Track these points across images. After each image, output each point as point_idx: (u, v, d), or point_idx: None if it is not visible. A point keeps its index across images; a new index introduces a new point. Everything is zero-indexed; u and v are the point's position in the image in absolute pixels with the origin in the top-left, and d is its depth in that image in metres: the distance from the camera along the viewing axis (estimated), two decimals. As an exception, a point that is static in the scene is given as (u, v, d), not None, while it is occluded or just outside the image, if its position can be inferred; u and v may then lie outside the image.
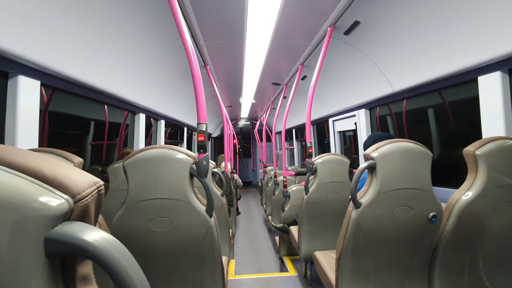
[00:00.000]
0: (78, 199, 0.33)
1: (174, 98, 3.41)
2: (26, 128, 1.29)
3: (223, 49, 2.68)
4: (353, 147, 3.54)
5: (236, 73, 3.59)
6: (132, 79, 2.20)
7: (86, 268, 0.36)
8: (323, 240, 2.10)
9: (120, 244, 0.34)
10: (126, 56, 1.98)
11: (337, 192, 2.06)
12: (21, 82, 1.27)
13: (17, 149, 0.34)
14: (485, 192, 1.14)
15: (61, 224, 0.32)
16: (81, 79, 1.62)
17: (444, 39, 1.58)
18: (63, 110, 1.95)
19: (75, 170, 0.36)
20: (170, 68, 2.72)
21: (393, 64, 2.06)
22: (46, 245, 0.30)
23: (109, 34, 1.68)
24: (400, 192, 1.16)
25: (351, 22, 1.95)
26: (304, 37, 2.40)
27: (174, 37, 2.20)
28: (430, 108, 2.13)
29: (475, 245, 1.22)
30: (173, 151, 1.16)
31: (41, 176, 0.32)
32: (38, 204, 0.30)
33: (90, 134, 2.32)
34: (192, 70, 1.35)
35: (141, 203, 1.14)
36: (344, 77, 2.82)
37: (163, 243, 1.18)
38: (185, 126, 4.58)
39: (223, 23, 2.15)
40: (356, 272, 1.26)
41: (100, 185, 0.38)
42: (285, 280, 2.50)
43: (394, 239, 1.21)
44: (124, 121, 2.67)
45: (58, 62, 1.41)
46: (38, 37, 1.26)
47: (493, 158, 1.14)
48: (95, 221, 0.38)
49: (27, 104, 1.30)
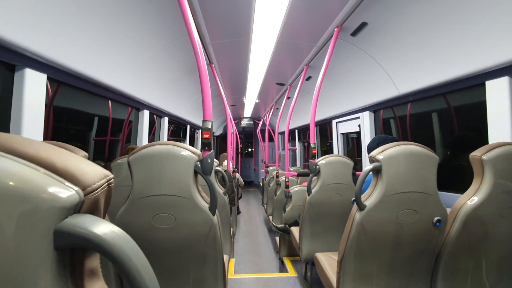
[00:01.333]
0: (88, 191, 0.33)
1: (178, 95, 3.42)
2: (31, 121, 1.29)
3: (228, 47, 2.68)
4: (356, 149, 3.53)
5: (240, 72, 3.59)
6: (137, 75, 2.20)
7: (94, 261, 0.36)
8: (325, 241, 2.09)
9: (129, 238, 0.34)
10: (132, 52, 1.98)
11: (340, 194, 2.05)
12: (28, 75, 1.27)
13: (28, 139, 0.34)
14: (490, 198, 1.13)
15: (71, 216, 0.31)
16: (86, 73, 1.62)
17: (451, 43, 1.57)
18: (68, 105, 1.95)
19: (86, 162, 0.36)
20: (175, 66, 2.72)
21: (400, 67, 2.05)
22: (56, 237, 0.30)
23: (115, 29, 1.68)
24: (405, 196, 1.16)
25: (359, 23, 1.94)
26: (310, 38, 2.39)
27: (180, 34, 2.20)
28: (435, 112, 2.12)
29: (479, 251, 1.21)
30: (178, 147, 1.16)
31: (52, 167, 0.32)
32: (48, 195, 0.30)
33: (93, 130, 2.33)
34: (199, 67, 1.35)
35: (144, 199, 1.13)
36: (349, 79, 2.81)
37: (166, 240, 1.17)
38: (188, 124, 4.59)
39: (230, 22, 2.15)
40: (359, 275, 1.25)
41: (110, 178, 0.37)
42: (285, 280, 2.49)
43: (398, 243, 1.20)
44: (128, 117, 2.67)
45: (64, 56, 1.42)
46: (45, 30, 1.26)
47: (499, 164, 1.13)
48: (104, 214, 0.37)
49: (33, 97, 1.30)
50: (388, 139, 1.73)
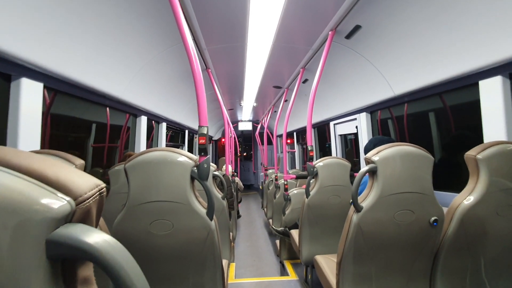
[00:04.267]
0: (80, 201, 0.33)
1: (176, 100, 3.43)
2: (28, 130, 1.30)
3: (224, 52, 2.70)
4: (354, 150, 3.54)
5: (237, 76, 3.61)
6: (134, 81, 2.22)
7: (87, 270, 0.36)
8: (324, 244, 2.09)
9: (122, 246, 0.34)
10: (128, 59, 1.99)
11: (338, 195, 2.05)
12: (24, 84, 1.28)
13: (20, 151, 0.35)
14: (486, 197, 1.14)
15: (62, 226, 0.32)
16: (83, 81, 1.63)
17: (445, 43, 1.58)
18: (65, 113, 1.96)
19: (77, 172, 0.36)
20: (172, 71, 2.73)
21: (394, 68, 2.06)
22: (48, 248, 0.30)
23: (111, 36, 1.70)
24: (402, 196, 1.16)
25: (352, 26, 1.96)
26: (306, 41, 2.41)
27: (176, 40, 2.21)
28: (431, 112, 2.13)
29: (477, 250, 1.21)
30: (174, 153, 1.16)
31: (44, 178, 0.32)
32: (40, 206, 0.30)
33: (91, 137, 2.33)
34: (194, 73, 1.36)
35: (142, 205, 1.14)
36: (345, 81, 2.83)
37: (164, 246, 1.17)
38: (186, 129, 4.59)
39: (225, 27, 2.17)
40: (357, 276, 1.25)
41: (102, 187, 0.38)
42: (286, 284, 2.48)
43: (396, 243, 1.21)
44: (126, 124, 2.68)
45: (60, 64, 1.42)
46: (41, 39, 1.27)
47: (494, 163, 1.14)
48: (96, 223, 0.38)
49: (29, 106, 1.30)
50: (384, 140, 1.74)
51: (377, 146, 1.65)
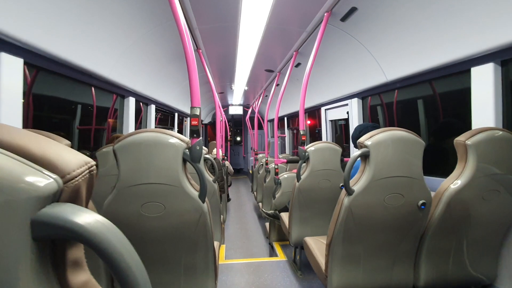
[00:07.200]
0: (68, 179, 0.31)
1: (165, 82, 3.33)
2: (9, 109, 1.23)
3: (216, 33, 2.60)
4: (344, 136, 3.57)
5: (229, 58, 3.52)
6: (121, 61, 2.12)
7: (77, 252, 0.34)
8: (314, 226, 2.14)
9: (115, 227, 0.32)
10: (115, 37, 1.90)
11: (328, 179, 2.07)
12: (3, 59, 1.20)
13: (3, 125, 0.32)
14: (473, 181, 1.17)
15: (49, 205, 0.29)
16: (66, 58, 1.54)
17: (439, 30, 1.57)
18: (49, 93, 1.87)
19: (65, 149, 0.34)
20: (161, 52, 2.63)
21: (388, 53, 2.05)
22: (33, 228, 0.28)
23: (97, 12, 1.60)
24: (392, 180, 1.18)
25: (349, 7, 1.92)
26: (300, 23, 2.35)
27: (165, 19, 2.11)
28: (420, 99, 2.15)
29: (461, 232, 1.26)
30: (165, 135, 1.13)
31: (28, 155, 0.30)
32: (24, 184, 0.28)
33: (77, 118, 2.25)
34: (186, 53, 1.31)
35: (132, 187, 1.11)
36: (338, 65, 2.80)
37: (156, 229, 1.16)
38: (176, 112, 4.50)
39: (217, 6, 2.08)
40: (346, 257, 1.29)
41: (92, 165, 0.35)
42: (275, 264, 2.54)
43: (384, 226, 1.24)
44: (113, 105, 2.59)
45: (42, 40, 1.34)
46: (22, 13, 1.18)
47: (483, 148, 1.16)
48: (86, 203, 0.36)
49: (9, 83, 1.23)
50: (369, 127, 1.75)
51: (362, 133, 1.67)
